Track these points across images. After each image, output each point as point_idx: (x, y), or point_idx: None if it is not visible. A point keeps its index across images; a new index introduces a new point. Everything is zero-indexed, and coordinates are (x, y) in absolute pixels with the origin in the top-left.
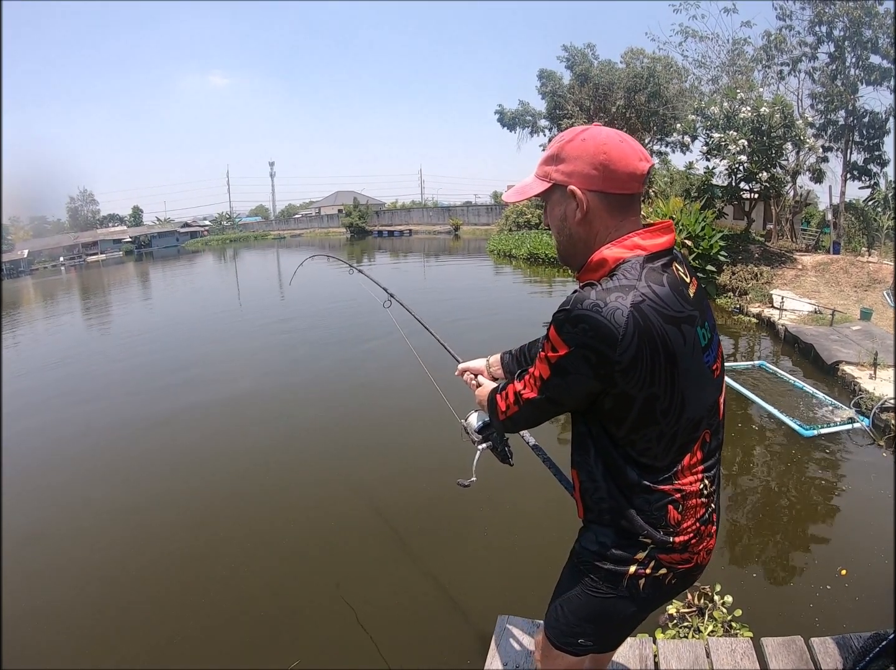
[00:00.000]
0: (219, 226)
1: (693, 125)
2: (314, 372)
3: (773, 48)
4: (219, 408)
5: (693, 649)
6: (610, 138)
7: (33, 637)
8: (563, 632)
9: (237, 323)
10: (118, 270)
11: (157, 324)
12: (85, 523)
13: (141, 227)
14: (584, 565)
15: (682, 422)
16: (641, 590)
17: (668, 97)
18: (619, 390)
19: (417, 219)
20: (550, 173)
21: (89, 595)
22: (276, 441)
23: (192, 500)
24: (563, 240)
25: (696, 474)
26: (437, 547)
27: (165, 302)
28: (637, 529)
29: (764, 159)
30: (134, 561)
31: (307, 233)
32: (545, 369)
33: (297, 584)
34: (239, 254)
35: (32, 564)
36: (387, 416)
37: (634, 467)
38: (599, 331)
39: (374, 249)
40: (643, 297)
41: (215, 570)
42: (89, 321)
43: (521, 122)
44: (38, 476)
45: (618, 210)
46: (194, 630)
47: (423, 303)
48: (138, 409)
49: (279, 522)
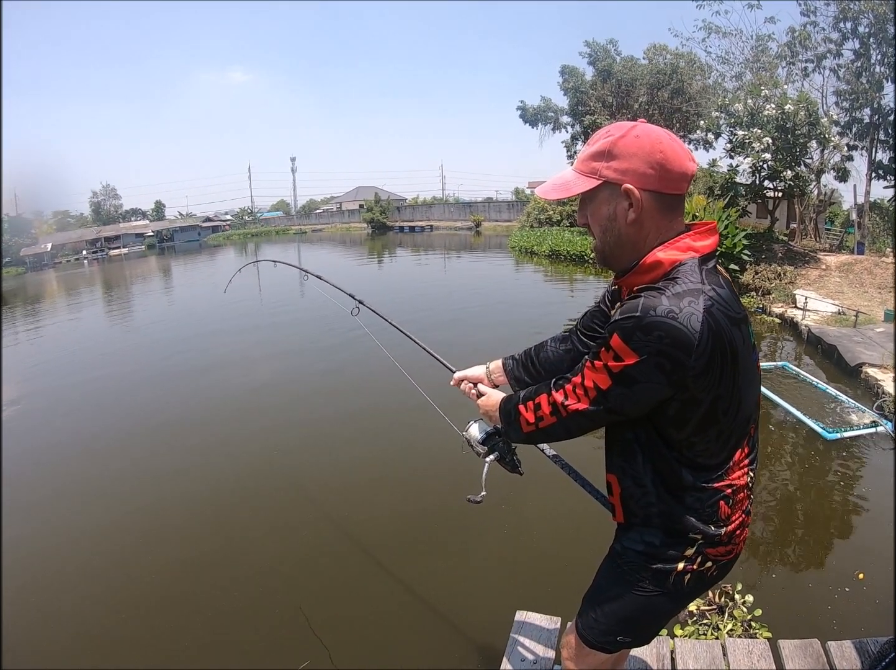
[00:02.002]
0: (240, 220)
1: (717, 122)
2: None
3: (797, 44)
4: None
5: (710, 649)
6: (662, 136)
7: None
8: (602, 632)
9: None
10: (140, 264)
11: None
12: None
13: (163, 222)
14: (629, 565)
15: (738, 420)
16: (685, 585)
17: (691, 94)
18: (689, 395)
19: (438, 215)
20: (601, 170)
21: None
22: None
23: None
24: (609, 241)
25: (743, 468)
26: (454, 548)
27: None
28: (688, 529)
29: (788, 157)
30: (150, 556)
31: (328, 228)
32: (603, 379)
33: (307, 580)
34: (260, 249)
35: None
36: (395, 422)
37: (689, 468)
38: (677, 338)
39: (395, 245)
40: (712, 301)
41: (233, 570)
42: (110, 313)
43: (544, 118)
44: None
45: (669, 210)
46: (203, 626)
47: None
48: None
49: (297, 518)
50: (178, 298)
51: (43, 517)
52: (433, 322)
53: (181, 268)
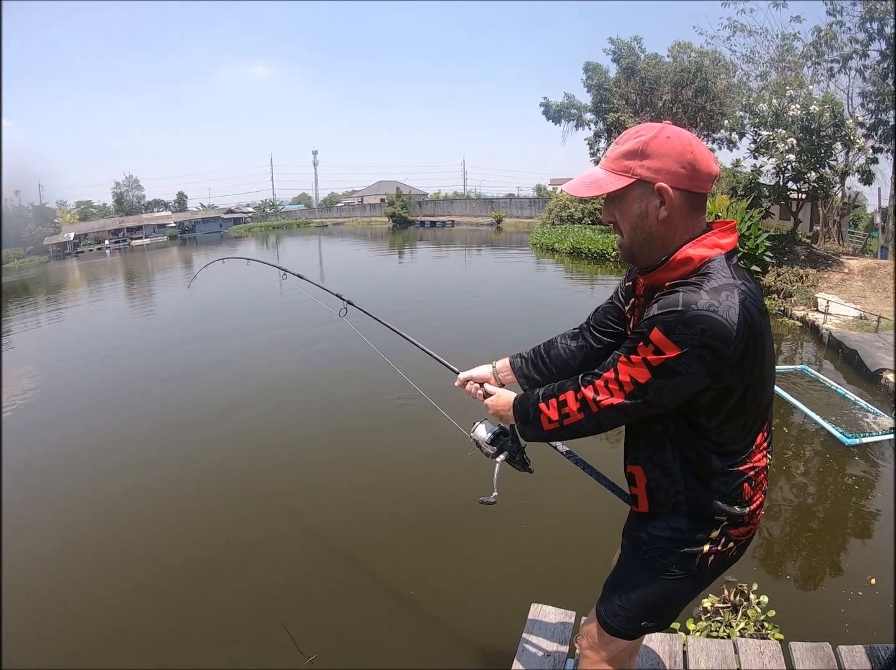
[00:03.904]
0: (262, 212)
1: (741, 122)
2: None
3: (822, 44)
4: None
5: (722, 648)
6: (691, 138)
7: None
8: (627, 618)
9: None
10: (161, 254)
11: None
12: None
13: (185, 213)
14: (656, 552)
15: (762, 406)
16: (709, 567)
17: (715, 92)
18: (724, 385)
19: (460, 211)
20: (634, 168)
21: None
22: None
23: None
24: (639, 238)
25: (762, 451)
26: (468, 545)
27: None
28: (714, 511)
29: (812, 159)
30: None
31: (349, 221)
32: (641, 372)
33: (319, 577)
34: (281, 241)
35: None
36: (399, 425)
37: (717, 455)
38: (718, 331)
39: (416, 239)
40: (745, 295)
41: (246, 568)
42: (131, 301)
43: (567, 115)
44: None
45: (695, 209)
46: (207, 623)
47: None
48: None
49: (317, 511)
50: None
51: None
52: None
53: (202, 260)
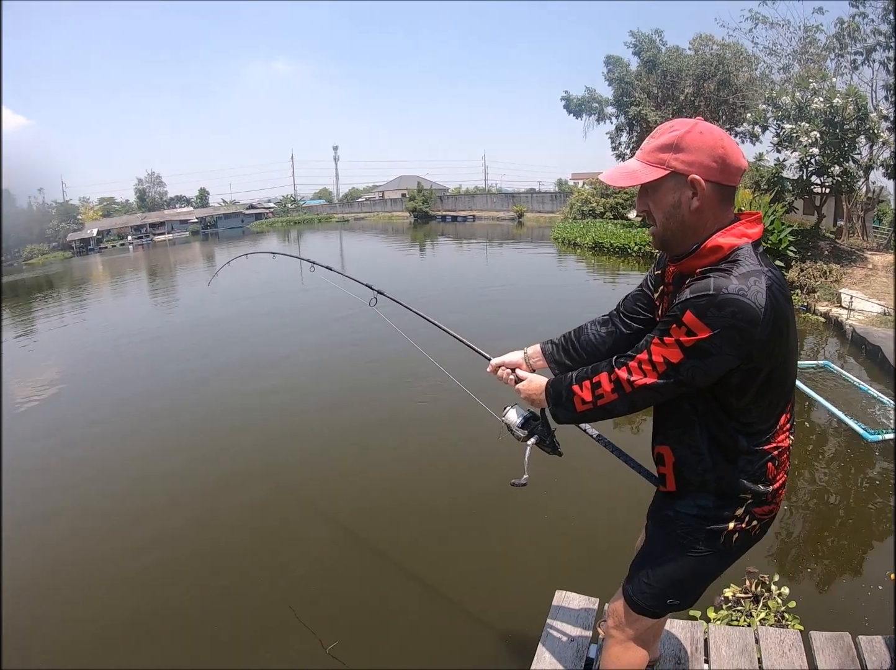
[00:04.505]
0: (283, 208)
1: (763, 115)
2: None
3: (845, 36)
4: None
5: (743, 636)
6: (722, 133)
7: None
8: (653, 595)
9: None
10: (183, 249)
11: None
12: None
13: (207, 209)
14: (683, 529)
15: (786, 387)
16: (733, 544)
17: (737, 85)
18: (752, 365)
19: (481, 205)
20: (669, 160)
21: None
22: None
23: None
24: (672, 227)
25: (786, 432)
26: (498, 528)
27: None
28: (740, 489)
29: (836, 152)
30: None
31: (371, 216)
32: (674, 353)
33: (345, 561)
34: (303, 236)
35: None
36: (431, 414)
37: (744, 435)
38: (747, 313)
39: (438, 234)
40: (771, 281)
41: (275, 548)
42: (156, 295)
43: (588, 109)
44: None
45: (725, 200)
46: (229, 606)
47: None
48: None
49: (344, 497)
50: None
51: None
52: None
53: (224, 255)
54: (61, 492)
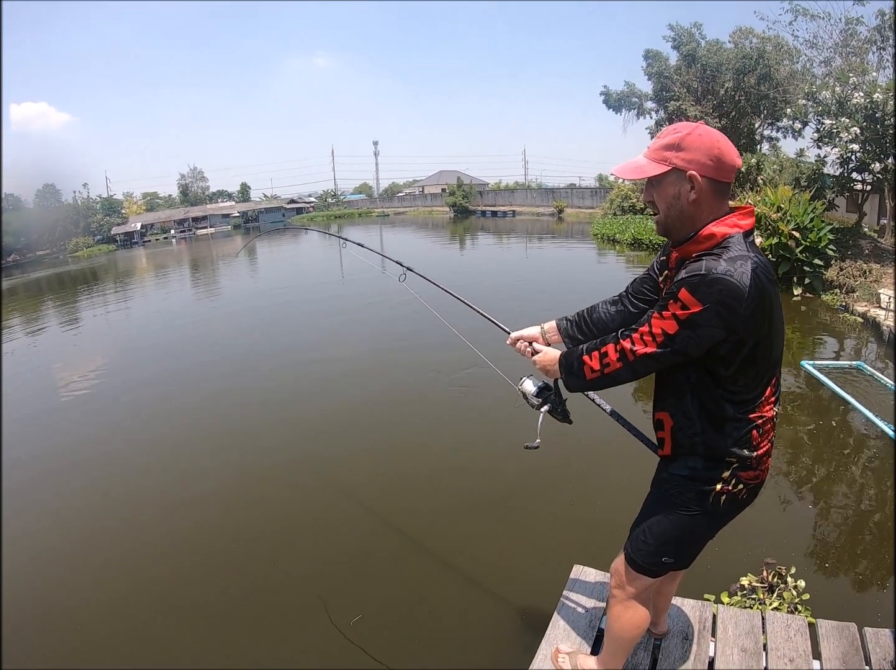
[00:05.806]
0: (324, 202)
1: (804, 110)
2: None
3: (886, 28)
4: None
5: (750, 618)
6: (719, 136)
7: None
8: (649, 554)
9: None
10: (224, 243)
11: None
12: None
13: (249, 203)
14: (675, 488)
15: (770, 362)
16: (721, 505)
17: (778, 80)
18: (737, 338)
19: (521, 201)
20: (671, 158)
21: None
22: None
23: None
24: (672, 215)
25: (770, 404)
26: (519, 510)
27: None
28: (726, 453)
29: (877, 149)
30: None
31: (410, 211)
32: (671, 325)
33: (366, 536)
34: (343, 230)
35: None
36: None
37: (730, 403)
38: (733, 291)
39: (477, 229)
40: (756, 265)
41: (296, 526)
42: (196, 286)
43: (627, 104)
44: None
45: (720, 194)
46: (258, 582)
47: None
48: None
49: (368, 479)
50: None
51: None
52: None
53: (266, 249)
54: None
